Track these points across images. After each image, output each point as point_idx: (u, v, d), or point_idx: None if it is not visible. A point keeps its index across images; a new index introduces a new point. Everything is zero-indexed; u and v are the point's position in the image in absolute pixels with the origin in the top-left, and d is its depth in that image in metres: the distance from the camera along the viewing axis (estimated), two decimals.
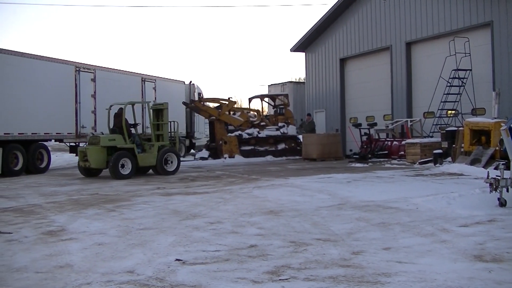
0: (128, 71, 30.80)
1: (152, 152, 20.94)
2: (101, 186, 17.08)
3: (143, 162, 20.63)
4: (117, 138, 20.27)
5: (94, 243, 8.08)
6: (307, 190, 14.11)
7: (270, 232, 8.56)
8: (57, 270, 6.58)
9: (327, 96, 33.89)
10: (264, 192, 14.03)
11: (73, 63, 26.38)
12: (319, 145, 28.13)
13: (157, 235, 8.58)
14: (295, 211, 10.62)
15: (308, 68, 35.76)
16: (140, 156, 20.47)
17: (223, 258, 6.95)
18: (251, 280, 5.95)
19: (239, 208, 11.34)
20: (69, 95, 25.75)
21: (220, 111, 31.12)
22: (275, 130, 32.00)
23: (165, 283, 5.91)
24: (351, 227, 8.84)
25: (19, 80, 22.85)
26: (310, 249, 7.33)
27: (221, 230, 8.89)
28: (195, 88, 37.06)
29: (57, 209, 12.00)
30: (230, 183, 16.98)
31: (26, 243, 8.29)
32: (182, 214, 10.74)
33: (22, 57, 23.47)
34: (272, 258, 6.88)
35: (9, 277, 6.36)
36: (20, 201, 13.81)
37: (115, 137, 20.32)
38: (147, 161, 20.81)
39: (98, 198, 13.85)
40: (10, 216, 11.22)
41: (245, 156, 29.72)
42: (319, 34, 34.27)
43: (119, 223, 9.80)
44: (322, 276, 6.01)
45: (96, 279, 6.12)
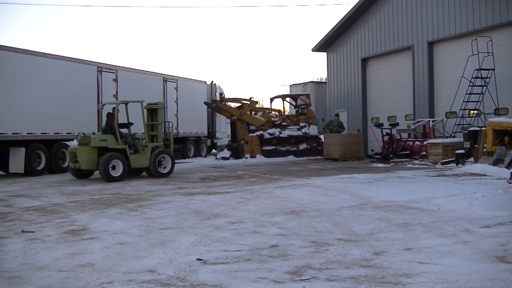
0: (149, 71, 30.93)
1: (145, 153, 20.13)
2: (123, 186, 17.15)
3: (136, 164, 19.85)
4: (108, 138, 19.55)
5: (115, 242, 8.11)
6: (328, 190, 14.07)
7: (292, 232, 8.54)
8: (79, 269, 6.61)
9: (348, 96, 33.81)
10: (285, 192, 14.01)
11: (95, 64, 26.52)
12: (340, 145, 28.05)
13: (178, 234, 8.60)
14: (317, 211, 10.60)
15: (330, 68, 35.69)
16: (132, 157, 19.71)
17: (244, 258, 6.95)
18: (272, 280, 5.94)
19: (261, 208, 11.33)
20: (91, 95, 25.89)
21: (241, 111, 31.11)
22: (297, 130, 31.94)
23: (186, 283, 5.91)
24: (372, 227, 8.81)
25: (41, 81, 23.01)
26: (331, 249, 7.31)
27: (242, 230, 8.88)
28: (216, 88, 37.10)
29: (79, 208, 12.06)
30: (252, 183, 16.96)
31: (49, 242, 8.34)
32: (204, 213, 10.75)
33: (44, 57, 23.62)
34: (293, 258, 6.87)
35: (32, 276, 6.40)
36: (43, 200, 13.90)
37: (107, 137, 19.60)
38: (139, 163, 20.00)
39: (120, 198, 13.90)
40: (33, 215, 11.30)
41: (267, 156, 29.69)
42: (341, 34, 34.20)
43: (141, 223, 9.82)
44: (343, 276, 5.99)
45: (117, 278, 6.14)
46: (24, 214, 11.52)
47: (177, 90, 32.81)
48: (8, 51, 21.86)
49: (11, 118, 21.39)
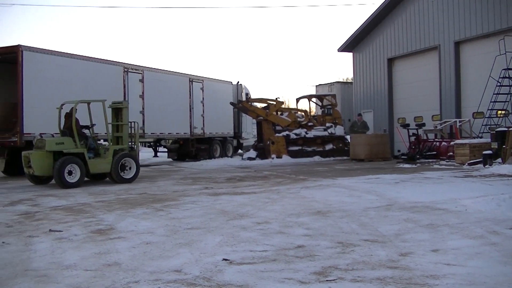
0: (175, 72, 31.06)
1: (107, 157, 18.48)
2: (149, 186, 17.22)
3: (95, 169, 18.26)
4: (66, 141, 17.78)
5: (142, 242, 8.14)
6: (354, 191, 14.03)
7: (318, 233, 8.52)
8: (105, 268, 6.64)
9: (375, 96, 33.68)
10: (311, 193, 13.98)
11: (121, 64, 26.70)
12: (367, 146, 27.97)
13: (205, 234, 8.61)
14: (343, 212, 10.57)
15: (356, 68, 35.57)
16: (91, 162, 18.08)
17: (270, 258, 6.94)
18: (298, 280, 5.93)
19: (287, 208, 11.32)
20: (118, 96, 26.00)
21: (267, 111, 31.13)
22: (323, 130, 31.92)
23: (212, 283, 5.92)
24: (399, 228, 8.76)
25: (68, 82, 23.18)
26: (357, 250, 7.28)
27: (268, 230, 8.88)
28: (242, 88, 37.16)
29: (106, 208, 12.13)
30: (278, 183, 16.95)
31: (76, 241, 8.38)
32: (230, 214, 10.75)
33: (71, 58, 23.80)
34: (319, 259, 6.85)
35: (59, 274, 6.43)
36: (70, 200, 13.99)
37: (64, 140, 17.84)
38: (99, 167, 18.41)
39: (146, 198, 13.95)
40: (61, 214, 11.37)
41: (293, 157, 29.68)
42: (367, 34, 34.07)
43: (167, 223, 9.85)
44: (370, 277, 5.96)
45: (143, 278, 6.16)
46: (52, 213, 11.60)
47: (203, 91, 32.91)
48: (34, 52, 22.05)
49: (38, 119, 21.51)
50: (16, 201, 14.06)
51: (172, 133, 30.64)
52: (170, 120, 29.94)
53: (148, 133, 28.21)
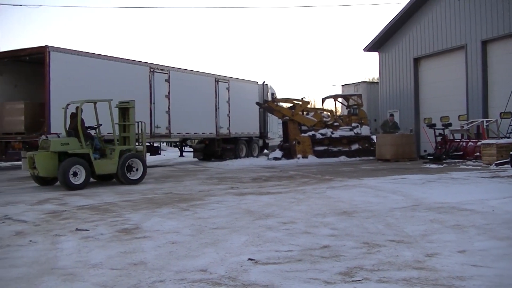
0: (201, 72, 31.13)
1: (113, 158, 18.03)
2: (175, 186, 17.26)
3: (101, 170, 17.78)
4: (71, 142, 17.34)
5: (167, 241, 8.16)
6: (380, 191, 13.97)
7: (343, 233, 8.50)
8: (131, 267, 6.67)
9: (401, 96, 33.48)
10: (337, 193, 13.94)
11: (147, 64, 26.82)
12: (393, 146, 27.85)
13: (230, 234, 8.61)
14: (369, 212, 10.53)
15: (382, 68, 35.39)
16: (97, 163, 17.62)
17: (295, 258, 6.93)
18: (324, 280, 5.91)
19: (312, 208, 11.30)
20: (144, 96, 26.15)
21: (293, 111, 31.12)
22: (349, 130, 31.86)
23: (238, 282, 5.92)
24: (425, 228, 8.71)
25: (95, 81, 23.32)
26: (383, 250, 7.25)
27: (294, 230, 8.86)
28: (268, 88, 37.17)
29: (131, 207, 12.18)
30: (303, 183, 16.93)
31: (102, 240, 8.43)
32: (255, 214, 10.76)
33: (98, 58, 23.95)
34: (345, 259, 6.83)
35: (85, 273, 6.47)
36: (96, 199, 14.07)
37: (69, 140, 17.37)
38: (105, 168, 17.92)
39: (172, 197, 13.99)
40: (87, 213, 11.44)
41: (319, 157, 29.64)
42: (393, 33, 33.89)
43: (193, 222, 9.87)
44: (395, 278, 5.93)
45: (169, 277, 6.17)
46: (78, 212, 11.68)
47: (229, 91, 32.98)
48: (63, 52, 22.21)
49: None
50: (43, 200, 14.17)
51: (198, 133, 30.73)
52: (196, 120, 30.02)
53: (174, 133, 28.32)
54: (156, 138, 27.86)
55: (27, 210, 12.29)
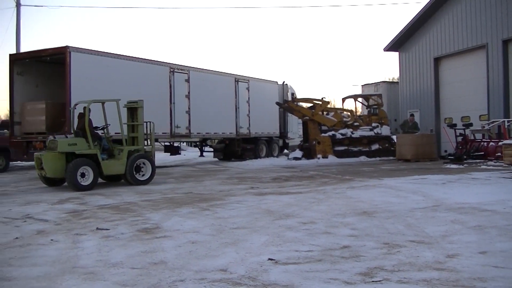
0: (221, 72, 31.17)
1: (121, 158, 17.77)
2: (195, 185, 17.29)
3: (108, 170, 17.52)
4: (79, 142, 17.03)
5: (187, 241, 8.18)
6: (401, 191, 13.92)
7: (363, 233, 8.47)
8: (151, 267, 6.69)
9: (421, 96, 33.30)
10: (357, 193, 13.91)
11: (167, 64, 26.89)
12: (413, 146, 27.73)
13: (250, 234, 8.61)
14: (389, 212, 10.49)
15: (402, 68, 35.22)
16: (105, 163, 17.34)
17: (315, 259, 6.92)
18: (344, 281, 5.90)
19: (332, 208, 11.28)
20: (164, 96, 26.23)
21: (313, 111, 31.08)
22: (369, 130, 31.78)
23: (258, 282, 5.92)
24: (445, 229, 8.66)
25: (114, 82, 23.41)
26: (403, 251, 7.22)
27: (314, 230, 8.85)
28: (288, 88, 37.14)
29: (152, 207, 12.22)
30: (323, 183, 16.90)
31: (122, 239, 8.46)
32: (275, 213, 10.75)
33: (118, 59, 24.05)
34: (365, 259, 6.81)
35: (106, 272, 6.50)
36: (117, 198, 14.13)
37: (77, 141, 17.08)
38: (113, 169, 17.66)
39: (192, 197, 14.01)
40: (108, 213, 11.49)
41: (339, 157, 29.57)
42: (413, 33, 33.71)
43: (213, 222, 9.88)
44: (416, 279, 5.90)
45: (189, 277, 6.18)
46: (99, 212, 11.73)
47: (249, 91, 32.99)
48: (83, 53, 22.33)
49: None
50: (64, 199, 14.26)
51: (218, 133, 30.77)
52: (216, 120, 30.06)
53: (194, 133, 28.38)
54: (176, 138, 27.94)
55: (48, 209, 12.37)
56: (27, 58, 23.99)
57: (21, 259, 7.33)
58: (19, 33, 37.62)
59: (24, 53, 25.96)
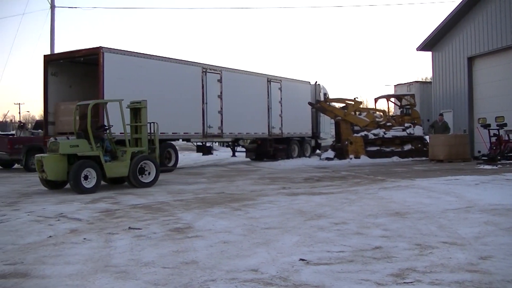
0: (253, 72, 31.19)
1: (124, 160, 17.21)
2: (227, 185, 17.32)
3: (112, 173, 16.97)
4: (81, 144, 16.44)
5: (219, 241, 8.20)
6: (433, 192, 13.82)
7: (395, 234, 8.43)
8: (183, 266, 6.71)
9: (454, 96, 33.01)
10: (389, 194, 13.84)
11: (200, 65, 26.95)
12: (446, 146, 27.51)
13: (282, 234, 8.61)
14: (421, 213, 10.43)
15: (435, 68, 34.94)
16: (108, 165, 16.77)
17: (347, 259, 6.90)
18: (375, 282, 5.87)
19: (364, 209, 11.24)
20: (197, 96, 26.31)
21: (346, 111, 31.00)
22: (401, 130, 31.60)
23: (289, 283, 5.91)
24: (478, 231, 8.58)
25: (147, 82, 23.54)
26: (436, 252, 7.17)
27: (345, 231, 8.83)
28: (320, 88, 37.07)
29: (184, 207, 12.26)
30: (356, 183, 16.85)
31: (154, 239, 8.51)
32: (307, 214, 10.74)
33: (151, 59, 24.16)
34: (396, 261, 6.77)
35: (138, 271, 6.54)
36: (149, 198, 14.20)
37: (79, 142, 16.50)
38: (117, 171, 17.12)
39: (224, 197, 14.04)
40: (140, 212, 11.56)
41: (371, 157, 29.44)
42: (446, 32, 33.42)
43: (244, 222, 9.89)
44: (448, 280, 5.86)
45: (220, 276, 6.20)
46: (131, 211, 11.80)
47: (281, 91, 32.97)
48: (116, 53, 22.48)
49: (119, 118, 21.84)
50: (97, 198, 14.37)
51: (250, 133, 30.80)
52: (248, 120, 30.09)
53: (226, 133, 28.42)
54: (208, 138, 28.00)
55: (81, 208, 12.48)
56: (61, 59, 24.25)
57: (55, 258, 7.41)
58: (53, 34, 38.04)
59: (58, 54, 26.22)
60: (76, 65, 24.42)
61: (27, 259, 7.37)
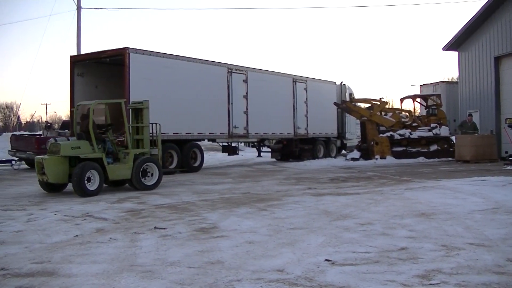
0: (279, 72, 31.14)
1: (127, 162, 16.65)
2: (252, 185, 17.32)
3: (114, 175, 16.40)
4: (82, 145, 15.89)
5: (244, 241, 8.21)
6: (460, 193, 13.73)
7: (421, 235, 8.39)
8: (208, 266, 6.73)
9: (481, 96, 32.72)
10: (415, 194, 13.78)
11: (225, 65, 26.94)
12: (472, 147, 27.29)
13: (307, 235, 8.61)
14: (447, 214, 10.37)
15: (461, 67, 34.66)
16: (111, 168, 16.23)
17: (372, 260, 6.88)
18: (401, 283, 5.85)
19: (390, 209, 11.19)
20: (222, 96, 26.32)
21: (371, 111, 30.87)
22: (427, 131, 31.39)
23: (314, 283, 5.91)
24: (506, 232, 8.51)
25: (173, 82, 23.60)
26: (462, 253, 7.13)
27: (371, 231, 8.80)
28: (346, 88, 36.96)
29: (209, 207, 12.29)
30: (381, 184, 16.79)
31: (180, 239, 8.53)
32: (333, 214, 10.72)
33: (177, 59, 24.21)
34: (422, 262, 6.74)
35: (163, 271, 6.57)
36: (175, 198, 14.24)
37: (80, 144, 15.92)
38: (119, 173, 16.56)
39: (250, 197, 14.05)
40: (165, 212, 11.60)
41: (397, 157, 29.30)
42: (472, 32, 33.13)
43: (270, 222, 9.90)
44: (475, 282, 5.82)
45: (246, 276, 6.21)
46: (157, 211, 11.85)
47: (307, 91, 32.91)
48: (140, 54, 22.55)
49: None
50: (123, 198, 14.45)
51: (275, 133, 30.77)
52: (274, 120, 30.04)
53: (252, 133, 28.41)
54: (234, 138, 28.01)
55: (107, 208, 12.56)
56: (87, 60, 24.38)
57: (81, 257, 7.46)
58: (79, 35, 38.30)
59: (84, 55, 26.37)
60: (102, 65, 24.54)
61: (54, 258, 7.43)
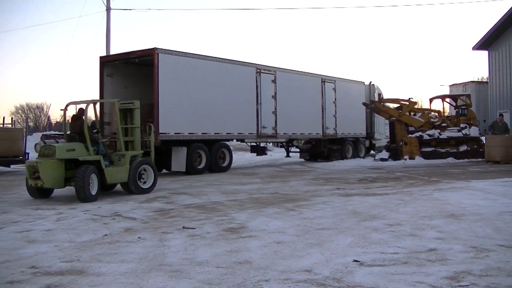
0: (308, 72, 31.06)
1: (123, 165, 15.80)
2: (281, 186, 17.32)
3: (112, 178, 15.54)
4: (77, 147, 14.97)
5: (273, 241, 8.21)
6: (489, 194, 13.63)
7: (451, 236, 8.34)
8: (236, 266, 6.74)
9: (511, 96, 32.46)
10: (444, 195, 13.70)
11: (254, 65, 26.91)
12: (503, 147, 27.04)
13: (336, 235, 8.59)
14: (477, 215, 10.29)
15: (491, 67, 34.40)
16: (109, 171, 15.31)
17: (401, 261, 6.85)
18: (429, 284, 5.82)
19: (419, 210, 11.14)
20: (251, 96, 26.31)
21: (400, 111, 30.71)
22: (457, 131, 31.15)
23: (342, 284, 5.90)
24: None
25: (202, 82, 23.63)
26: (492, 255, 7.07)
27: (400, 232, 8.77)
28: (375, 88, 36.81)
29: (238, 207, 12.30)
30: (410, 185, 16.70)
31: (208, 238, 8.56)
32: (361, 215, 10.69)
33: (205, 60, 24.23)
34: (451, 263, 6.70)
35: (192, 270, 6.59)
36: (203, 198, 14.28)
37: (75, 146, 15.01)
38: (117, 177, 15.69)
39: (278, 197, 14.05)
40: (194, 212, 11.64)
41: (426, 158, 29.12)
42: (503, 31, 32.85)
43: (298, 222, 9.89)
44: (505, 284, 5.78)
45: (274, 277, 6.21)
46: (185, 211, 11.89)
47: (335, 91, 32.80)
48: (169, 54, 22.61)
49: (174, 118, 22.03)
50: (151, 198, 14.51)
51: (304, 134, 30.69)
52: (302, 120, 29.98)
53: (280, 134, 28.37)
54: (262, 139, 27.98)
55: (135, 207, 12.63)
56: (116, 60, 24.49)
57: (110, 256, 7.51)
58: (109, 35, 38.50)
59: (113, 55, 26.47)
60: (131, 66, 24.64)
61: (83, 256, 7.50)
